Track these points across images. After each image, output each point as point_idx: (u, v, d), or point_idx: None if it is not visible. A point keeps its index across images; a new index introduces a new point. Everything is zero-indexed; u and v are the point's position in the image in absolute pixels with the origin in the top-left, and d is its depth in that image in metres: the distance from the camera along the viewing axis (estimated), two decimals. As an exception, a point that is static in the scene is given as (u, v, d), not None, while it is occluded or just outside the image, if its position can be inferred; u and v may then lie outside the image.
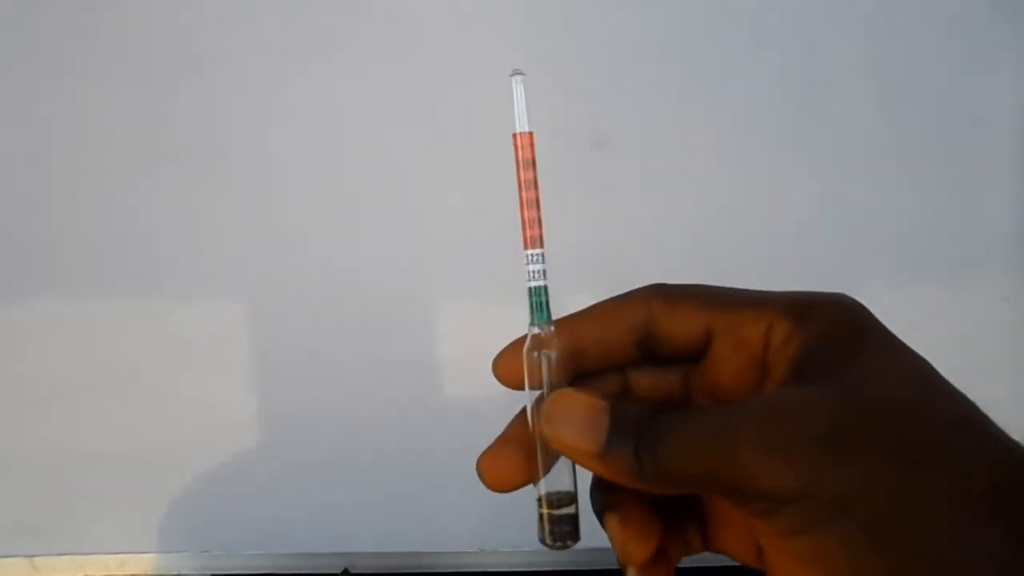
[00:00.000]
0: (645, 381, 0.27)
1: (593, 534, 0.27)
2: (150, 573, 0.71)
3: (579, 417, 0.23)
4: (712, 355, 0.26)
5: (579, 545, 0.26)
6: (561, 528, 0.26)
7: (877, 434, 0.20)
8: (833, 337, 0.23)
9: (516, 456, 0.26)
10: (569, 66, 0.63)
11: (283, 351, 0.68)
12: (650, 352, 0.27)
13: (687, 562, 0.28)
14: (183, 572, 0.71)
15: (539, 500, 0.26)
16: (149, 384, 0.68)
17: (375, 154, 0.64)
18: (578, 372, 0.27)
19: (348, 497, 0.70)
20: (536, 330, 0.27)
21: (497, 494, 0.27)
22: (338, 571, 0.70)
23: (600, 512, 0.26)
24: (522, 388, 0.27)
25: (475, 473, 0.26)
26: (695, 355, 0.26)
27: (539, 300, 0.27)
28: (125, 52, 0.63)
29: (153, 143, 0.64)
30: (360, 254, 0.66)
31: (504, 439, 0.27)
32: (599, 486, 0.26)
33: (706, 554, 0.28)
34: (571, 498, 0.26)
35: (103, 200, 0.65)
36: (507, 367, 0.27)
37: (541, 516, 0.26)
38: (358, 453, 0.69)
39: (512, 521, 0.66)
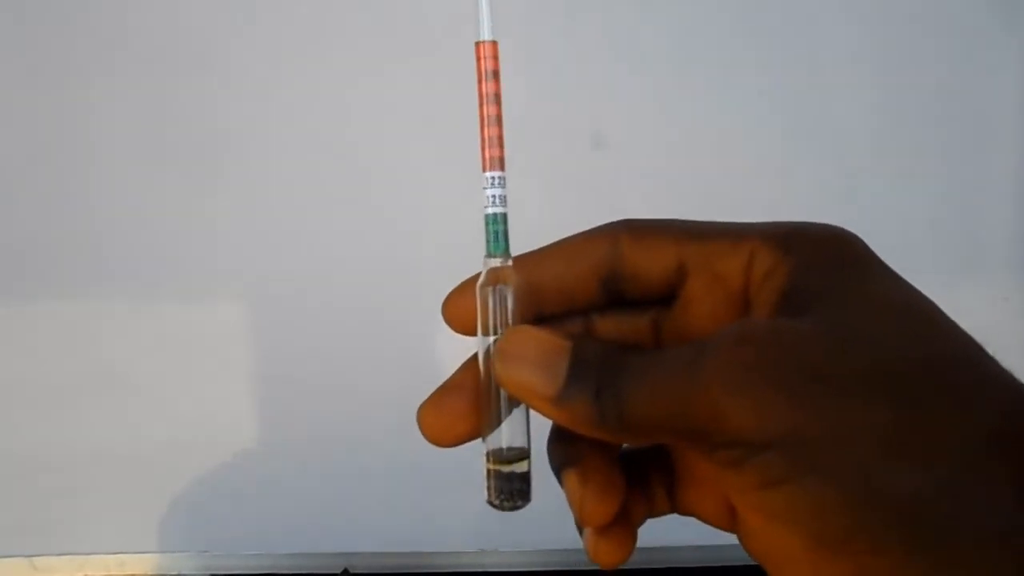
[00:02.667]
0: (610, 326, 0.24)
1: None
2: (150, 573, 0.71)
3: (536, 355, 0.21)
4: (686, 293, 0.23)
5: (578, 546, 0.25)
6: (511, 486, 0.23)
7: (868, 369, 0.18)
8: (823, 267, 0.20)
9: (461, 406, 0.23)
10: (569, 66, 0.63)
11: (283, 351, 0.68)
12: (616, 293, 0.24)
13: (691, 562, 0.27)
14: (183, 572, 0.71)
15: (487, 455, 0.23)
16: (149, 384, 0.68)
17: (375, 154, 0.64)
18: (536, 314, 0.24)
19: (348, 497, 0.70)
20: (492, 262, 0.23)
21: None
22: (338, 571, 0.70)
23: (558, 468, 0.23)
24: (473, 334, 0.24)
25: (475, 473, 0.24)
26: (666, 295, 0.23)
27: (496, 229, 0.24)
28: (125, 51, 0.63)
29: (153, 143, 0.64)
30: (360, 254, 0.66)
31: (449, 386, 0.24)
32: (558, 438, 0.23)
33: (706, 556, 0.27)
34: (523, 454, 0.23)
35: (103, 200, 0.65)
36: (458, 308, 0.24)
37: (488, 473, 0.23)
38: (358, 453, 0.69)
39: (512, 521, 0.66)
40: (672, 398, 0.19)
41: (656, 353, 0.20)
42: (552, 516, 0.24)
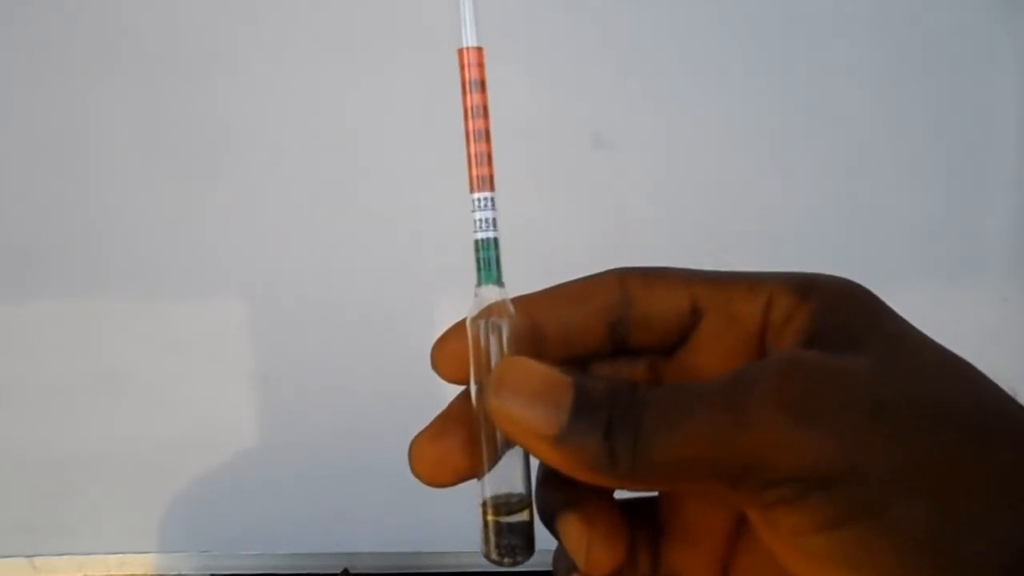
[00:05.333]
0: (607, 374, 0.22)
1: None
2: (150, 573, 0.71)
3: (536, 388, 0.18)
4: (698, 335, 0.21)
5: None
6: (510, 540, 0.21)
7: (930, 403, 0.17)
8: (846, 312, 0.19)
9: (459, 440, 0.21)
10: (569, 66, 0.63)
11: (283, 351, 0.68)
12: (621, 340, 0.22)
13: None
14: (183, 572, 0.71)
15: (483, 505, 0.21)
16: (149, 384, 0.68)
17: (375, 154, 0.64)
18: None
19: (348, 497, 0.70)
20: (484, 292, 0.21)
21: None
22: (338, 571, 0.70)
23: (553, 513, 0.21)
24: (467, 383, 0.21)
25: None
26: (673, 342, 0.22)
27: (487, 256, 0.21)
28: (125, 52, 0.63)
29: (152, 143, 0.64)
30: (360, 254, 0.66)
31: (445, 418, 0.22)
32: (550, 480, 0.21)
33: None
34: (523, 502, 0.21)
35: (102, 200, 0.65)
36: (450, 353, 0.22)
37: (485, 524, 0.21)
38: (358, 453, 0.68)
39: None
40: (707, 433, 0.17)
41: (676, 386, 0.19)
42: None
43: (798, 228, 0.65)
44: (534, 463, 0.21)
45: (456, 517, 0.69)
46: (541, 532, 0.22)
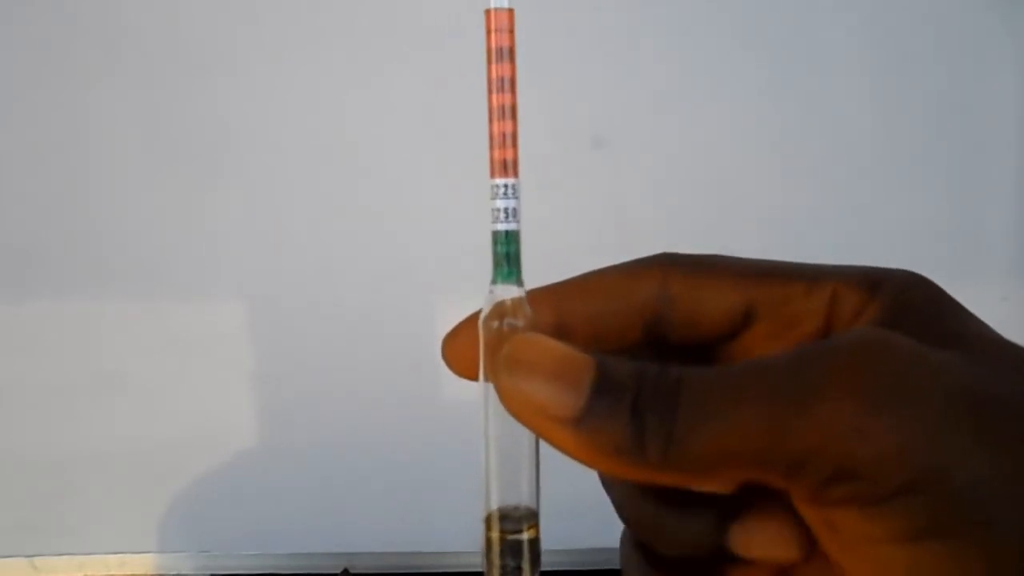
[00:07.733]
0: None
1: (595, 534, 0.25)
2: (150, 573, 0.71)
3: (551, 367, 0.16)
4: (746, 340, 0.19)
5: (579, 545, 0.23)
6: (517, 561, 0.18)
7: None
8: (922, 307, 0.18)
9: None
10: (569, 66, 0.63)
11: (283, 351, 0.68)
12: (659, 340, 0.20)
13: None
14: (183, 572, 0.71)
15: (487, 520, 0.19)
16: (149, 384, 0.68)
17: (375, 154, 0.64)
18: None
19: (348, 497, 0.69)
20: (500, 291, 0.19)
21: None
22: (338, 571, 0.70)
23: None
24: (478, 378, 0.19)
25: (476, 472, 0.21)
26: (716, 343, 0.20)
27: (506, 250, 0.19)
28: (125, 52, 0.63)
29: (152, 143, 0.64)
30: (360, 254, 0.66)
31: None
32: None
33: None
34: (532, 517, 0.19)
35: (103, 200, 0.65)
36: (462, 348, 0.20)
37: (488, 543, 0.19)
38: (358, 453, 0.69)
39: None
40: (762, 414, 0.14)
41: (723, 365, 0.16)
42: (551, 516, 0.23)
43: (798, 228, 0.65)
44: (541, 476, 0.20)
45: (456, 517, 0.70)
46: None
